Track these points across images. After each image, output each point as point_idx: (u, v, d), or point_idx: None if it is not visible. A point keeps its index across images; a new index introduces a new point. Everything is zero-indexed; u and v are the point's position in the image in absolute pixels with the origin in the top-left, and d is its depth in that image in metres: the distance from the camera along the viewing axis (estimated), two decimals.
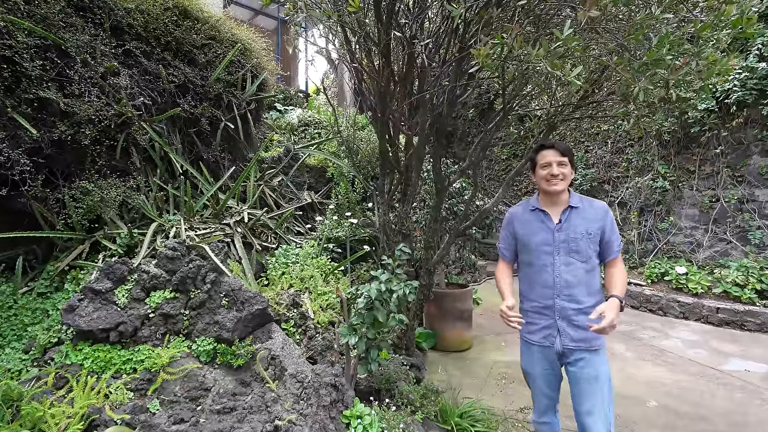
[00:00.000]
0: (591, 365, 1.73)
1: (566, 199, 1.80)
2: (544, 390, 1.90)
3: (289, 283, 3.03)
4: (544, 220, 1.81)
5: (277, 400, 1.96)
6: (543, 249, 1.79)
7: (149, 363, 1.97)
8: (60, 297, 2.29)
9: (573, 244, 1.74)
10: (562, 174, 1.74)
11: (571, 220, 1.76)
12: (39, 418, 1.57)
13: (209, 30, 3.24)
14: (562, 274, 1.74)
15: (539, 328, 1.82)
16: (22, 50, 2.13)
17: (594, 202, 1.82)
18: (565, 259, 1.74)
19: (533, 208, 1.86)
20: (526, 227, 1.87)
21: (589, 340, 1.73)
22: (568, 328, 1.75)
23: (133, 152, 2.79)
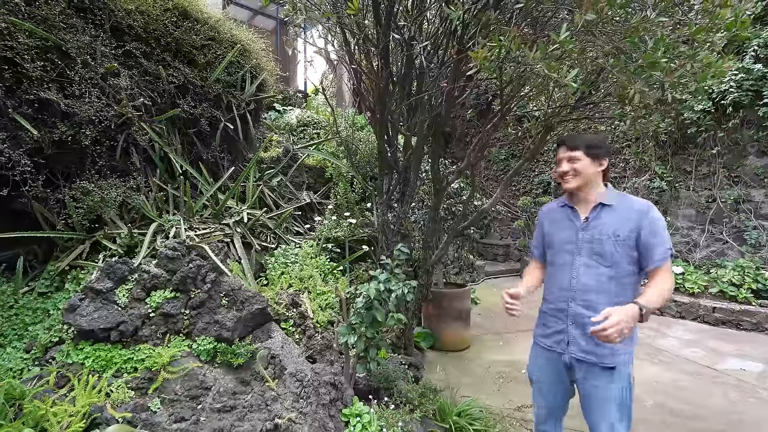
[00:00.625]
0: (601, 383, 1.58)
1: (598, 195, 1.64)
2: (547, 397, 1.80)
3: (289, 283, 3.04)
4: (572, 217, 1.68)
5: (277, 399, 1.98)
6: (565, 248, 1.67)
7: (150, 362, 1.98)
8: (61, 297, 2.30)
9: (597, 245, 1.57)
10: (572, 170, 1.61)
11: (600, 219, 1.60)
12: (41, 416, 1.59)
13: (209, 31, 3.26)
14: (580, 276, 1.59)
15: (551, 332, 1.71)
16: (23, 51, 2.14)
17: (635, 201, 1.60)
18: (586, 260, 1.59)
19: (563, 205, 1.74)
20: (553, 224, 1.76)
21: (602, 355, 1.56)
22: (579, 338, 1.60)
23: (133, 153, 2.80)
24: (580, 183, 1.62)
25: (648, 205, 1.56)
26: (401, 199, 3.36)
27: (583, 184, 1.63)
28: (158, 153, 2.99)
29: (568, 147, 1.64)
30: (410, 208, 3.35)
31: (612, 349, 1.54)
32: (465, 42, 2.29)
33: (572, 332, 1.62)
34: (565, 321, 1.64)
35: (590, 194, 1.64)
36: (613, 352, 1.55)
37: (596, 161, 1.60)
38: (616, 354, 1.55)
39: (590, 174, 1.61)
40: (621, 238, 1.53)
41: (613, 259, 1.54)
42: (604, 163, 1.62)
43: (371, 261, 4.20)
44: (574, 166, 1.62)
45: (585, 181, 1.62)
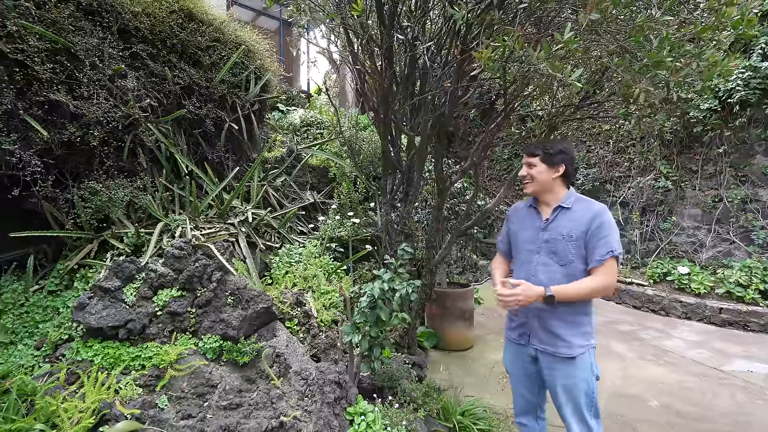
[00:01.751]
0: (562, 373, 1.69)
1: (559, 198, 1.74)
2: (519, 389, 1.91)
3: (293, 282, 3.06)
4: (535, 217, 1.80)
5: (282, 397, 2.00)
6: (527, 246, 1.78)
7: (157, 360, 2.01)
8: (70, 295, 2.34)
9: (553, 245, 1.69)
10: (529, 175, 1.75)
11: (557, 221, 1.72)
12: (52, 412, 1.62)
13: (214, 32, 3.28)
14: (538, 273, 1.70)
15: (516, 326, 1.83)
16: (33, 54, 2.18)
17: (591, 204, 1.71)
18: (544, 259, 1.71)
19: (529, 205, 1.86)
20: (519, 223, 1.88)
21: (557, 346, 1.68)
22: (539, 330, 1.73)
23: (140, 153, 2.84)
24: (536, 188, 1.75)
25: (602, 208, 1.66)
26: (404, 198, 3.37)
27: (540, 189, 1.75)
28: (164, 153, 3.02)
29: (526, 153, 1.79)
30: (413, 208, 3.36)
31: (568, 342, 1.67)
32: (468, 41, 2.30)
33: (532, 325, 1.74)
34: (527, 315, 1.75)
35: (549, 197, 1.75)
36: (569, 344, 1.67)
37: (552, 168, 1.71)
38: (573, 346, 1.67)
39: (546, 179, 1.72)
40: (573, 239, 1.65)
41: (567, 258, 1.66)
42: (560, 169, 1.71)
43: (374, 260, 4.21)
44: (530, 171, 1.75)
45: (541, 186, 1.73)
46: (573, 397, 1.69)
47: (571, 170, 1.75)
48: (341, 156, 4.75)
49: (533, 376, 1.83)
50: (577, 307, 1.68)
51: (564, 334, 1.67)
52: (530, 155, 1.76)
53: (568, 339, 1.67)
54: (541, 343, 1.72)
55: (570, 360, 1.67)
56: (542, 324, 1.71)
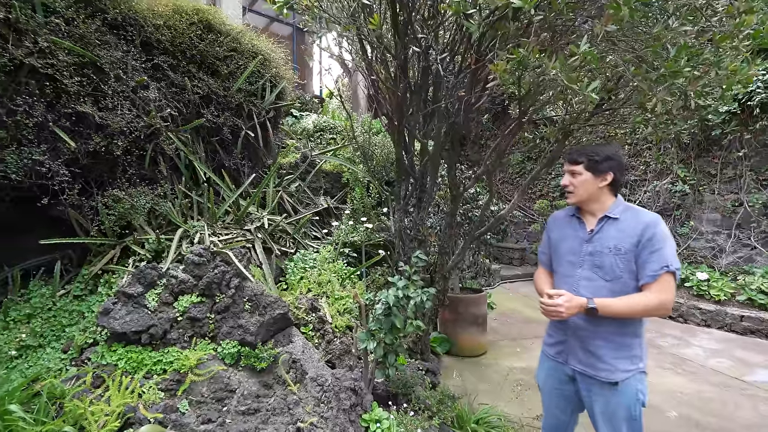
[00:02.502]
0: (601, 399, 1.55)
1: (606, 208, 1.59)
2: (551, 408, 1.79)
3: (308, 288, 3.10)
4: (578, 228, 1.65)
5: (299, 403, 2.03)
6: (568, 258, 1.64)
7: (178, 365, 2.06)
8: (94, 300, 2.42)
9: (598, 258, 1.54)
10: (571, 184, 1.61)
11: (603, 232, 1.56)
12: (80, 415, 1.68)
13: (231, 42, 3.36)
14: (580, 288, 1.55)
15: (554, 342, 1.72)
16: (62, 68, 2.27)
17: (642, 214, 1.54)
18: (587, 273, 1.56)
19: (571, 214, 1.71)
20: (560, 232, 1.73)
21: (598, 368, 1.53)
22: (578, 349, 1.60)
23: (161, 161, 2.92)
24: (579, 198, 1.60)
25: (655, 218, 1.49)
26: (418, 204, 3.39)
27: (585, 199, 1.60)
28: (183, 161, 3.10)
29: (568, 160, 1.63)
30: (426, 214, 3.38)
31: (611, 366, 1.51)
32: (482, 51, 2.32)
33: (572, 343, 1.61)
34: (566, 332, 1.63)
35: (594, 207, 1.60)
36: (612, 368, 1.51)
37: (599, 176, 1.56)
38: (616, 370, 1.51)
39: (591, 189, 1.57)
40: (622, 252, 1.49)
41: (613, 274, 1.50)
42: (608, 177, 1.56)
43: (387, 265, 4.23)
44: (574, 180, 1.60)
45: (586, 195, 1.59)
46: (613, 425, 1.54)
47: (619, 177, 1.59)
48: (354, 161, 4.79)
49: (569, 396, 1.69)
50: (626, 326, 1.51)
51: (606, 355, 1.52)
52: (573, 162, 1.61)
53: (611, 362, 1.52)
54: (579, 364, 1.59)
55: (612, 385, 1.52)
56: (582, 344, 1.57)
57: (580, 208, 1.66)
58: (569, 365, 1.63)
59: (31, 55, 2.16)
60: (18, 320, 2.23)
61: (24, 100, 2.15)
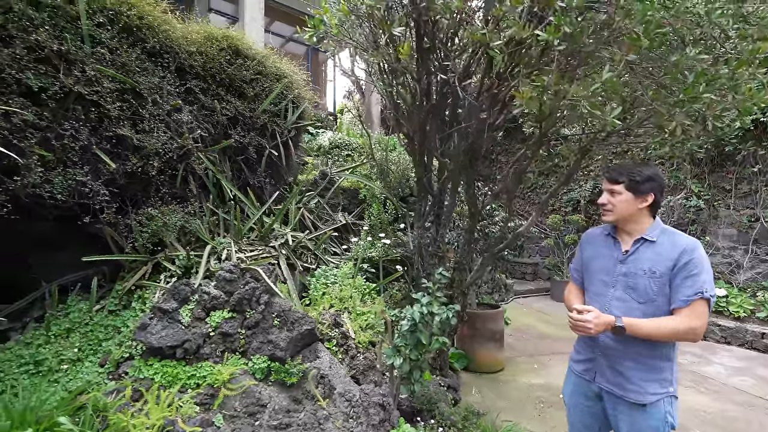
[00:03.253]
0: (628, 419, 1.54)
1: (643, 229, 1.58)
2: (577, 425, 1.79)
3: (330, 303, 3.16)
4: (613, 247, 1.64)
5: (329, 418, 2.07)
6: (600, 277, 1.64)
7: (211, 379, 2.12)
8: (128, 315, 2.51)
9: (632, 279, 1.53)
10: (610, 203, 1.59)
11: (639, 253, 1.56)
12: (123, 427, 1.75)
13: (257, 66, 3.52)
14: (612, 308, 1.55)
15: (582, 359, 1.72)
16: (106, 94, 2.42)
17: (680, 237, 1.52)
18: (620, 294, 1.56)
19: (607, 233, 1.70)
20: (593, 250, 1.73)
21: (626, 389, 1.53)
22: (606, 368, 1.59)
23: (191, 180, 3.04)
24: (617, 218, 1.59)
25: (693, 243, 1.48)
26: (436, 221, 3.46)
27: (622, 219, 1.59)
28: (211, 179, 3.22)
29: (608, 179, 1.61)
30: (446, 230, 3.44)
31: (639, 388, 1.50)
32: (502, 74, 2.41)
33: (601, 362, 1.61)
34: (595, 351, 1.63)
35: (632, 228, 1.59)
36: (640, 389, 1.50)
37: (639, 197, 1.54)
38: (645, 393, 1.50)
39: (630, 210, 1.56)
40: (657, 275, 1.48)
41: (647, 296, 1.49)
42: (648, 198, 1.54)
43: (404, 281, 4.28)
44: (613, 199, 1.58)
45: (624, 216, 1.57)
46: None
47: (660, 199, 1.58)
48: (371, 178, 4.89)
49: (596, 413, 1.69)
50: (656, 349, 1.50)
51: (635, 377, 1.52)
52: (613, 182, 1.59)
53: (640, 384, 1.51)
54: (607, 383, 1.59)
55: (640, 407, 1.51)
56: (611, 363, 1.57)
57: (616, 227, 1.66)
58: (596, 383, 1.63)
59: (79, 83, 2.30)
60: (58, 335, 2.32)
61: (71, 125, 2.29)
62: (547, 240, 7.75)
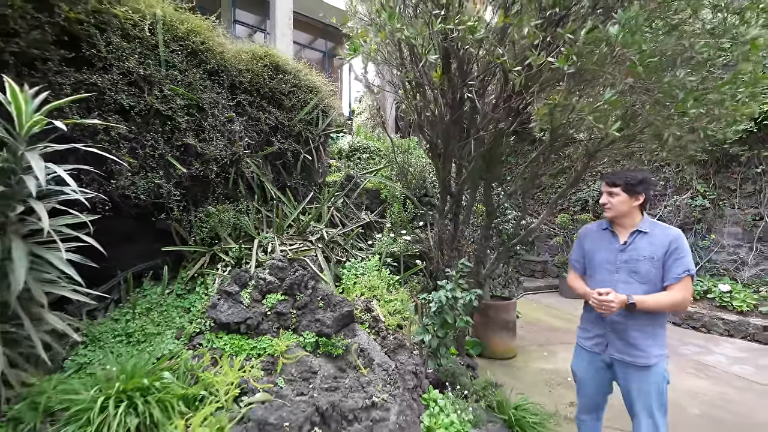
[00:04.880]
0: (636, 379, 1.88)
1: (635, 223, 1.93)
2: (588, 392, 2.13)
3: (361, 291, 3.55)
4: (611, 240, 1.98)
5: (370, 383, 2.45)
6: (605, 266, 1.96)
7: (270, 350, 2.52)
8: (194, 297, 2.92)
9: (633, 264, 1.86)
10: (609, 203, 1.95)
11: (636, 243, 1.89)
12: (209, 383, 2.15)
13: (293, 79, 3.93)
14: (618, 290, 1.84)
15: (591, 336, 2.05)
16: (177, 109, 2.84)
17: (667, 229, 1.89)
18: (624, 277, 1.88)
19: (604, 228, 2.05)
20: (594, 243, 2.05)
21: (635, 355, 1.87)
22: (617, 340, 1.92)
23: (240, 182, 3.46)
24: (615, 214, 1.96)
25: (679, 233, 1.87)
26: (454, 219, 3.82)
27: (620, 215, 1.95)
28: (256, 182, 3.64)
29: (607, 182, 1.97)
30: (465, 227, 3.80)
31: (645, 353, 1.85)
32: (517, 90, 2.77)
33: (610, 336, 1.95)
34: (605, 327, 1.97)
35: (626, 222, 1.95)
36: (646, 354, 1.85)
37: (633, 196, 1.91)
38: (650, 356, 1.85)
39: (626, 208, 1.92)
40: (655, 260, 1.83)
41: (648, 278, 1.85)
42: (640, 198, 1.91)
43: (422, 274, 4.65)
44: (611, 200, 1.95)
45: (621, 212, 1.94)
46: (644, 399, 1.88)
47: (649, 197, 1.94)
48: (391, 179, 5.28)
49: (605, 380, 2.05)
50: (657, 319, 1.87)
51: (642, 344, 1.85)
52: (612, 185, 1.93)
53: (646, 349, 1.85)
54: (618, 353, 1.92)
55: (646, 368, 1.86)
56: (620, 335, 1.90)
57: (612, 223, 2.02)
58: (607, 354, 1.97)
59: (158, 101, 2.73)
60: (141, 313, 2.75)
61: (151, 137, 2.72)
62: (556, 238, 8.04)
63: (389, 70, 3.50)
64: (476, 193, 3.54)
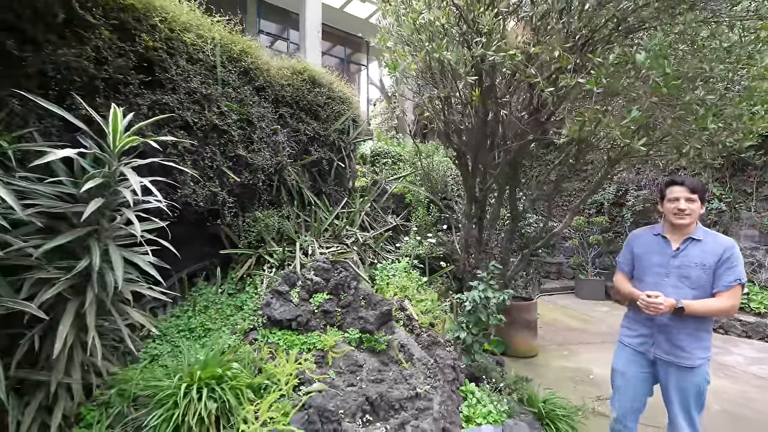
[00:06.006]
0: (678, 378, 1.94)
1: (690, 231, 1.95)
2: (629, 392, 2.12)
3: (394, 291, 3.78)
4: (664, 245, 2.01)
5: (412, 376, 2.68)
6: (656, 270, 2.00)
7: (320, 345, 2.76)
8: (245, 296, 3.18)
9: (685, 270, 1.91)
10: (689, 209, 1.91)
11: (689, 250, 1.93)
12: (271, 374, 2.39)
13: (327, 92, 4.19)
14: (668, 294, 1.88)
15: (637, 335, 2.10)
16: (232, 123, 3.10)
17: (720, 237, 1.91)
18: (675, 282, 1.93)
19: (657, 234, 2.07)
20: (645, 248, 2.09)
21: (681, 357, 1.92)
22: (663, 342, 1.97)
23: (282, 189, 3.72)
24: (692, 221, 1.95)
25: (732, 242, 1.91)
26: (479, 223, 4.04)
27: (693, 222, 1.96)
28: (295, 188, 3.90)
29: (689, 188, 1.93)
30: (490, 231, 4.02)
31: (690, 354, 1.92)
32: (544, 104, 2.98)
33: (657, 337, 2.01)
34: (652, 328, 2.03)
35: (688, 230, 1.96)
36: (691, 356, 1.91)
37: (703, 205, 1.97)
38: (695, 358, 1.91)
39: (697, 215, 1.96)
40: (707, 267, 1.87)
41: (699, 283, 1.89)
42: (704, 207, 1.98)
43: (446, 276, 4.87)
44: (691, 206, 1.92)
45: (695, 219, 1.96)
46: (684, 398, 1.94)
47: None
48: (415, 183, 5.51)
49: (647, 377, 2.09)
50: (704, 323, 1.92)
51: (687, 346, 1.91)
52: (693, 191, 1.92)
53: (691, 351, 1.91)
54: (664, 354, 1.97)
55: (689, 369, 1.91)
56: (668, 337, 1.96)
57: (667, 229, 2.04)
58: (652, 353, 2.04)
59: (216, 116, 3.00)
60: (199, 310, 3.01)
61: (210, 149, 2.99)
62: (571, 240, 8.18)
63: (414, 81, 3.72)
64: (502, 198, 3.75)
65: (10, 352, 1.87)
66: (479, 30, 2.35)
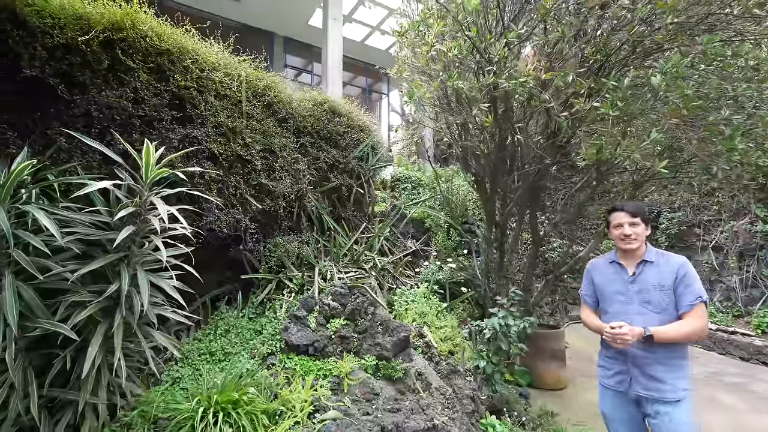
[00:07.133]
0: (667, 418, 1.80)
1: (641, 254, 1.96)
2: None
3: (413, 318, 3.72)
4: (620, 272, 2.00)
5: (430, 406, 2.59)
6: (617, 298, 1.97)
7: (336, 371, 2.74)
8: (265, 320, 3.23)
9: (645, 294, 1.88)
10: (634, 233, 1.93)
11: (645, 273, 1.92)
12: (287, 400, 2.39)
13: (347, 121, 4.34)
14: (634, 322, 1.85)
15: (613, 373, 1.99)
16: (255, 154, 3.27)
17: (672, 257, 1.92)
18: (638, 308, 1.89)
19: (611, 261, 2.07)
20: (603, 277, 2.07)
21: (662, 390, 1.81)
22: (640, 376, 1.86)
23: (302, 215, 3.82)
24: (639, 244, 1.95)
25: (684, 259, 1.90)
26: (500, 248, 3.96)
27: (640, 245, 1.96)
28: (315, 214, 3.99)
29: (629, 213, 1.97)
30: (512, 256, 3.93)
31: (672, 386, 1.80)
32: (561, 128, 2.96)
33: (633, 371, 1.89)
34: (626, 362, 1.91)
35: (638, 253, 1.97)
36: (673, 387, 1.80)
37: (648, 226, 1.99)
38: (677, 389, 1.81)
39: (644, 237, 1.97)
40: (666, 288, 1.85)
41: (661, 306, 1.85)
42: (649, 228, 2.00)
43: (467, 301, 4.75)
44: (635, 230, 1.95)
45: (641, 242, 1.96)
46: None
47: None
48: (434, 208, 5.51)
49: (636, 419, 1.96)
50: (675, 350, 1.83)
51: (666, 377, 1.81)
52: (635, 215, 1.95)
53: (672, 382, 1.81)
54: (644, 390, 1.86)
55: (675, 403, 1.80)
56: (643, 370, 1.86)
57: (620, 255, 2.04)
58: (632, 391, 1.91)
59: (240, 147, 3.17)
60: (220, 334, 3.08)
61: (234, 178, 3.14)
62: None
63: (431, 107, 3.80)
64: (522, 222, 3.68)
65: (44, 372, 1.98)
66: (491, 59, 2.41)
